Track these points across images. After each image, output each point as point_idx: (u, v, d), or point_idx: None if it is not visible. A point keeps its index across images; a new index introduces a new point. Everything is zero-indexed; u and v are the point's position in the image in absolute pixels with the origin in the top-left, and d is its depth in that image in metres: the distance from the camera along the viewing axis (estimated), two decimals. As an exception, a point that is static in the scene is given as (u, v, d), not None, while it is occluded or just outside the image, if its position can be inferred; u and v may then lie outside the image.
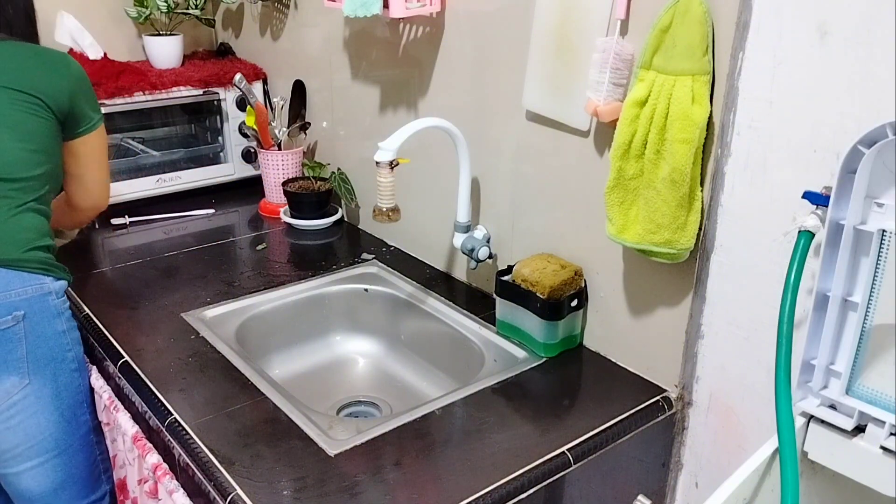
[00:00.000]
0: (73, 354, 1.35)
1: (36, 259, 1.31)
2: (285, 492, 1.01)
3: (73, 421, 1.37)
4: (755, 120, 1.03)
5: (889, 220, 0.85)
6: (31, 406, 1.31)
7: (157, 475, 1.18)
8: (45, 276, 1.31)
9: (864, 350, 0.91)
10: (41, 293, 1.30)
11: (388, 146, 1.31)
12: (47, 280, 1.31)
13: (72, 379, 1.35)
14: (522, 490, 1.03)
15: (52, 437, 1.34)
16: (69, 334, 1.35)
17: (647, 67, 1.07)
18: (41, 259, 1.32)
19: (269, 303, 1.52)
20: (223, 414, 1.16)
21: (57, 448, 1.35)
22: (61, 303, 1.34)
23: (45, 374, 1.31)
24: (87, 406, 1.39)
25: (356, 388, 1.52)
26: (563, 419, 1.17)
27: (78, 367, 1.36)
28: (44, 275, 1.31)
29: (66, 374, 1.34)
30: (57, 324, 1.32)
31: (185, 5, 2.04)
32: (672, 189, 1.08)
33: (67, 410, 1.35)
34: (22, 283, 1.28)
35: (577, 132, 1.26)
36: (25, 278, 1.28)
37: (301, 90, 1.93)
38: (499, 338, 1.38)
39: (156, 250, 1.72)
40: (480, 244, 1.46)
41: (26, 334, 1.28)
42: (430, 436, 1.13)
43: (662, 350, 1.24)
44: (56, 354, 1.32)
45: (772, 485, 0.93)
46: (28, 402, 1.30)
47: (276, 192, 1.93)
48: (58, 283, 1.33)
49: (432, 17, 1.49)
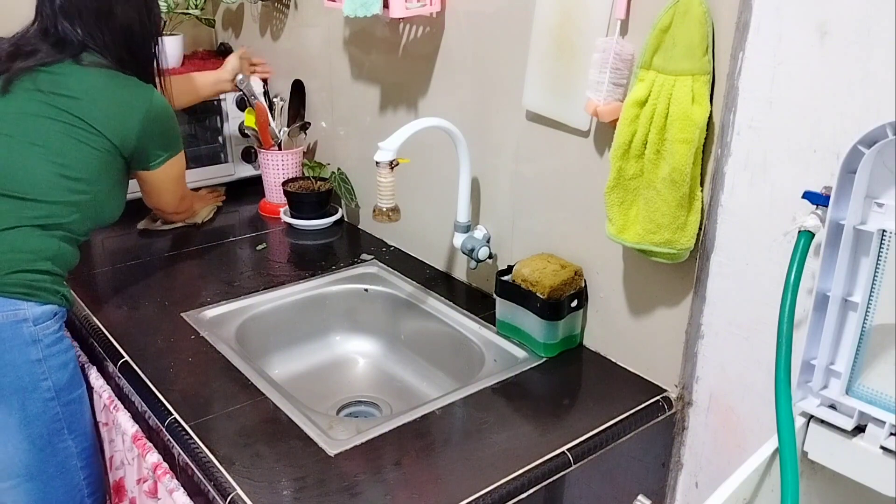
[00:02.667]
0: (50, 384, 1.27)
1: (19, 283, 1.25)
2: (285, 492, 1.01)
3: (46, 448, 1.29)
4: (755, 120, 1.03)
5: (889, 220, 0.85)
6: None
7: (157, 474, 1.18)
8: (25, 300, 1.25)
9: (864, 350, 0.91)
10: (14, 320, 1.23)
11: (388, 146, 1.31)
12: (25, 306, 1.24)
13: (45, 408, 1.27)
14: (522, 490, 1.03)
15: (21, 464, 1.28)
16: (46, 362, 1.27)
17: (647, 67, 1.07)
18: (25, 282, 1.25)
19: (269, 303, 1.52)
20: (223, 414, 1.16)
21: (27, 473, 1.29)
22: (40, 330, 1.26)
23: (10, 403, 1.24)
24: (67, 433, 1.32)
25: (356, 388, 1.51)
26: (563, 419, 1.17)
27: (54, 396, 1.28)
28: (22, 300, 1.24)
29: (38, 403, 1.27)
30: (30, 352, 1.25)
31: (185, 5, 2.04)
32: (672, 189, 1.08)
33: (40, 439, 1.28)
34: None
35: (577, 132, 1.26)
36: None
37: (300, 89, 1.93)
38: (499, 338, 1.38)
39: (156, 250, 1.72)
40: (480, 244, 1.46)
41: None
42: (430, 436, 1.13)
43: (662, 350, 1.23)
44: (25, 384, 1.25)
45: (772, 485, 0.93)
46: None
47: (276, 192, 1.93)
48: (40, 309, 1.26)
49: (432, 17, 1.49)
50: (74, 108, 1.33)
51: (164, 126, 1.46)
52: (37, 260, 1.28)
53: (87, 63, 1.37)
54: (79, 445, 1.35)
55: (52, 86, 1.33)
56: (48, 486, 1.32)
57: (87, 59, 1.37)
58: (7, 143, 1.30)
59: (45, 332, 1.27)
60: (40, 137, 1.31)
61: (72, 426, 1.33)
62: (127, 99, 1.39)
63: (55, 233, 1.31)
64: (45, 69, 1.34)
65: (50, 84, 1.33)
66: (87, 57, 1.37)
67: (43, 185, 1.30)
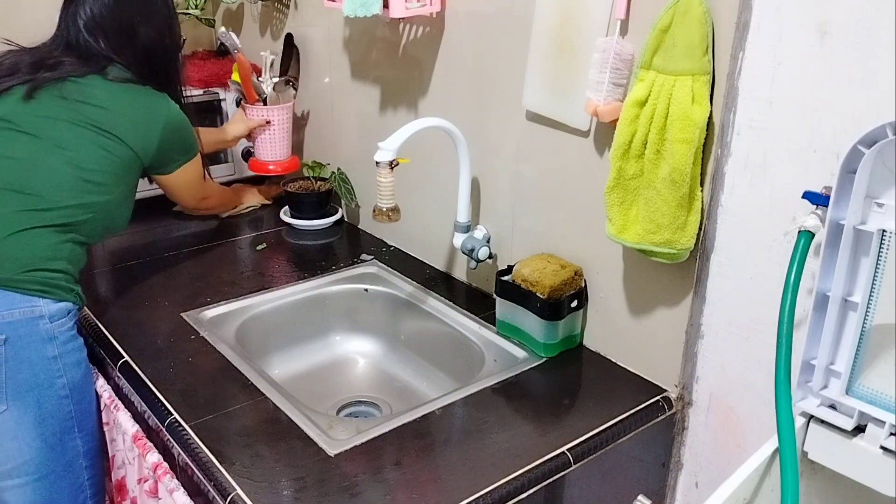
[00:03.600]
0: (65, 381, 1.29)
1: (35, 280, 1.26)
2: (285, 492, 1.01)
3: (57, 447, 1.30)
4: (755, 120, 1.03)
5: (889, 220, 0.85)
6: (11, 431, 1.26)
7: (158, 474, 1.18)
8: (41, 297, 1.26)
9: (864, 350, 0.91)
10: (30, 316, 1.25)
11: (388, 146, 1.31)
12: (41, 303, 1.26)
13: (59, 406, 1.29)
14: (522, 490, 1.03)
15: (33, 462, 1.29)
16: (61, 360, 1.28)
17: (647, 67, 1.07)
18: (42, 280, 1.27)
19: (269, 303, 1.52)
20: (223, 414, 1.16)
21: (38, 472, 1.30)
22: (56, 327, 1.27)
23: (26, 399, 1.25)
24: (77, 432, 1.32)
25: (356, 388, 1.51)
26: (563, 419, 1.17)
27: (69, 394, 1.29)
28: (38, 297, 1.26)
29: (53, 400, 1.28)
30: (46, 349, 1.26)
31: (185, 5, 2.04)
32: (672, 189, 1.08)
33: (52, 437, 1.29)
34: (9, 306, 1.23)
35: (577, 132, 1.26)
36: (15, 300, 1.24)
37: (291, 44, 1.90)
38: (499, 338, 1.38)
39: (156, 250, 1.72)
40: (480, 244, 1.46)
41: (7, 359, 1.23)
42: (430, 436, 1.12)
43: (662, 350, 1.23)
44: (41, 381, 1.26)
45: (772, 485, 0.93)
46: (7, 426, 1.25)
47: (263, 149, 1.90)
48: (56, 307, 1.27)
49: (432, 17, 1.49)
50: (100, 117, 1.36)
51: (182, 134, 1.50)
52: (53, 259, 1.29)
53: (112, 77, 1.40)
54: (86, 445, 1.35)
55: (78, 95, 1.36)
56: (55, 486, 1.33)
57: (112, 73, 1.41)
58: (33, 144, 1.32)
59: (60, 329, 1.28)
60: (66, 141, 1.33)
61: (81, 425, 1.34)
62: (147, 109, 1.42)
63: (70, 235, 1.33)
64: (73, 80, 1.37)
65: (77, 93, 1.36)
66: (112, 71, 1.41)
67: (63, 186, 1.31)
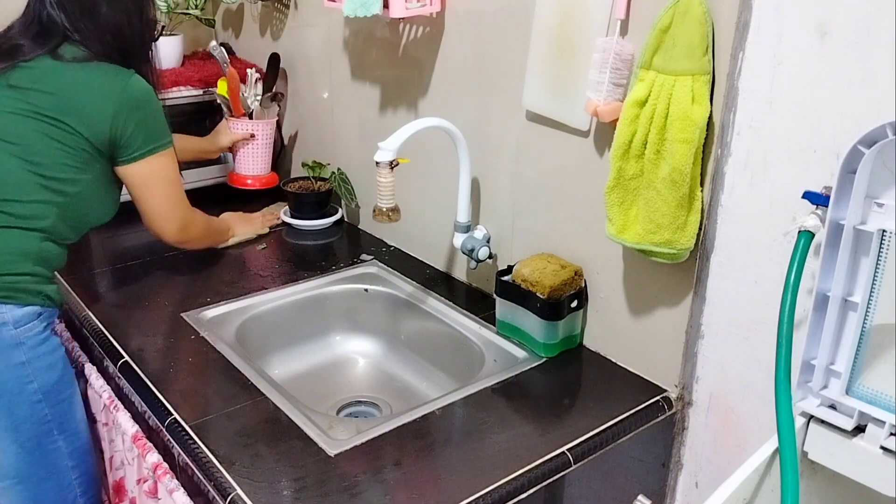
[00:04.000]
0: (36, 386, 1.26)
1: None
2: (285, 492, 1.01)
3: (36, 451, 1.28)
4: (755, 120, 1.03)
5: (889, 220, 0.85)
6: None
7: (157, 474, 1.18)
8: (4, 304, 1.23)
9: (864, 350, 0.91)
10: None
11: (388, 146, 1.31)
12: (4, 309, 1.23)
13: (33, 411, 1.26)
14: (522, 490, 1.03)
15: (12, 467, 1.27)
16: (31, 365, 1.25)
17: (647, 67, 1.07)
18: (5, 285, 1.23)
19: (269, 303, 1.52)
20: (223, 414, 1.16)
21: (18, 476, 1.28)
22: (22, 332, 1.24)
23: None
24: (56, 434, 1.30)
25: (356, 388, 1.51)
26: (563, 419, 1.17)
27: (42, 398, 1.26)
28: (1, 303, 1.23)
29: (25, 406, 1.25)
30: (13, 355, 1.23)
31: (185, 5, 2.04)
32: (672, 189, 1.08)
33: (28, 442, 1.27)
34: None
35: (577, 132, 1.26)
36: None
37: (276, 63, 1.93)
38: (499, 338, 1.38)
39: (156, 250, 1.72)
40: (480, 244, 1.46)
41: None
42: (430, 436, 1.12)
43: (662, 350, 1.23)
44: (10, 388, 1.24)
45: (772, 485, 0.93)
46: None
47: (244, 164, 1.90)
48: (21, 311, 1.24)
49: (432, 17, 1.49)
50: (47, 103, 1.28)
51: (144, 112, 1.34)
52: (17, 261, 1.26)
53: (67, 58, 1.31)
54: (70, 445, 1.33)
55: (26, 81, 1.29)
56: (39, 488, 1.31)
57: (67, 53, 1.32)
58: None
59: (27, 334, 1.25)
60: (13, 135, 1.27)
61: (62, 426, 1.31)
62: (99, 84, 1.31)
63: (35, 234, 1.28)
64: (21, 65, 1.30)
65: (26, 80, 1.29)
66: (67, 50, 1.32)
67: (17, 184, 1.26)
